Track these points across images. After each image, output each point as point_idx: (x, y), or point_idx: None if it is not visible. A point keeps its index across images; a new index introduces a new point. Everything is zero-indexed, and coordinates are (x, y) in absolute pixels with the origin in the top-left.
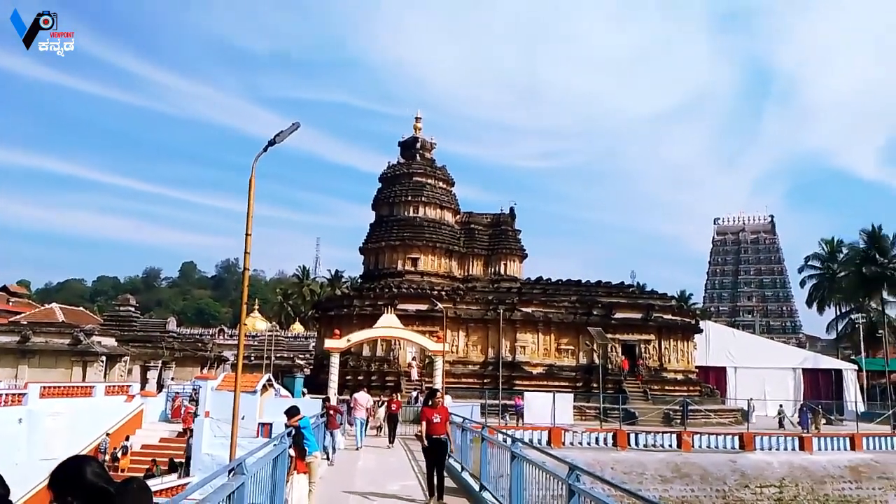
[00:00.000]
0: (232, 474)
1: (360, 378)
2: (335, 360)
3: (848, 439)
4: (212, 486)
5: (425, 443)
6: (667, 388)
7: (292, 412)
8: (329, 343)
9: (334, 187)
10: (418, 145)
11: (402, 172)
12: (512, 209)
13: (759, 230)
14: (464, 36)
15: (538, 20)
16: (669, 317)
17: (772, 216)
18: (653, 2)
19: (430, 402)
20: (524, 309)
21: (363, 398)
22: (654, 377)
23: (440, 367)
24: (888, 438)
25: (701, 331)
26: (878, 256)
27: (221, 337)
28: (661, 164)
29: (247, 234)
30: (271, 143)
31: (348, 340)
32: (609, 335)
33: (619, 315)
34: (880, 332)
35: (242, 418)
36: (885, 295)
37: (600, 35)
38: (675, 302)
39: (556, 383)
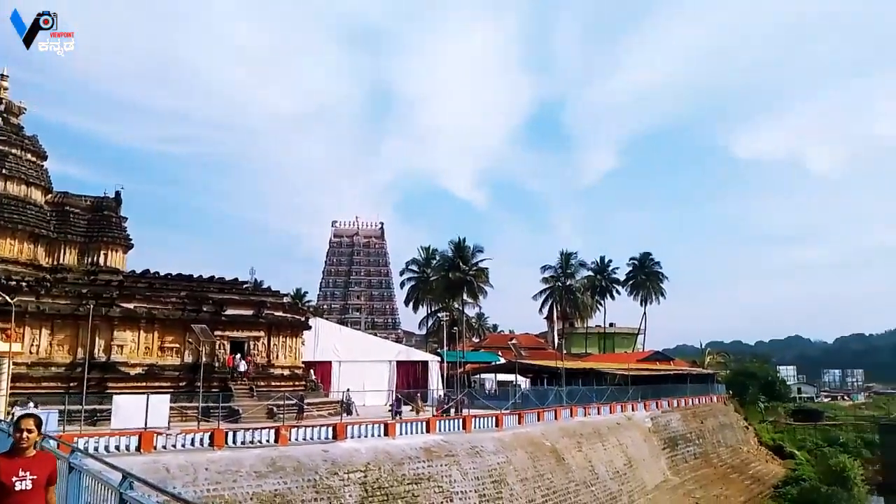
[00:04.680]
0: None
1: None
2: None
3: (425, 423)
4: None
5: None
6: (273, 383)
7: None
8: None
9: None
10: (2, 108)
11: None
12: (118, 193)
13: (371, 235)
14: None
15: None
16: (280, 314)
17: (382, 223)
18: (288, 5)
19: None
20: (125, 304)
21: None
22: (261, 373)
23: (6, 372)
24: (455, 421)
25: (310, 327)
26: (461, 264)
27: None
28: (293, 164)
29: None
30: None
31: None
32: (218, 332)
33: (230, 312)
34: (455, 328)
35: None
36: (465, 297)
37: (233, 26)
38: (288, 299)
39: (158, 384)
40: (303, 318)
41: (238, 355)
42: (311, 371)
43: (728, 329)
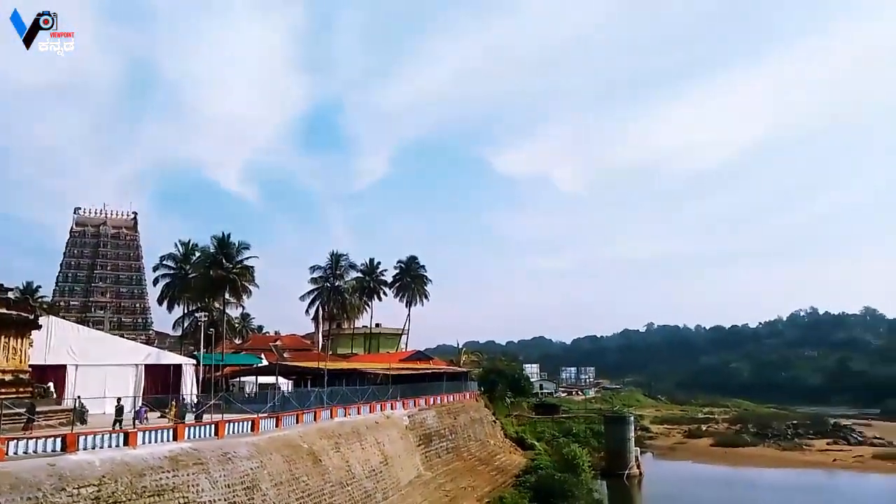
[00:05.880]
0: None
1: None
2: None
3: (171, 430)
4: None
5: None
6: None
7: None
8: None
9: None
10: None
11: None
12: None
13: (122, 225)
14: None
15: None
16: (3, 311)
17: (135, 213)
18: None
19: None
20: None
21: None
22: None
23: None
24: (206, 427)
25: (40, 327)
26: (224, 261)
27: None
28: (33, 144)
29: None
30: None
31: None
32: None
33: None
34: (211, 329)
35: None
36: (227, 296)
37: None
38: (13, 295)
39: None
40: (31, 317)
41: None
42: (45, 376)
43: (484, 329)
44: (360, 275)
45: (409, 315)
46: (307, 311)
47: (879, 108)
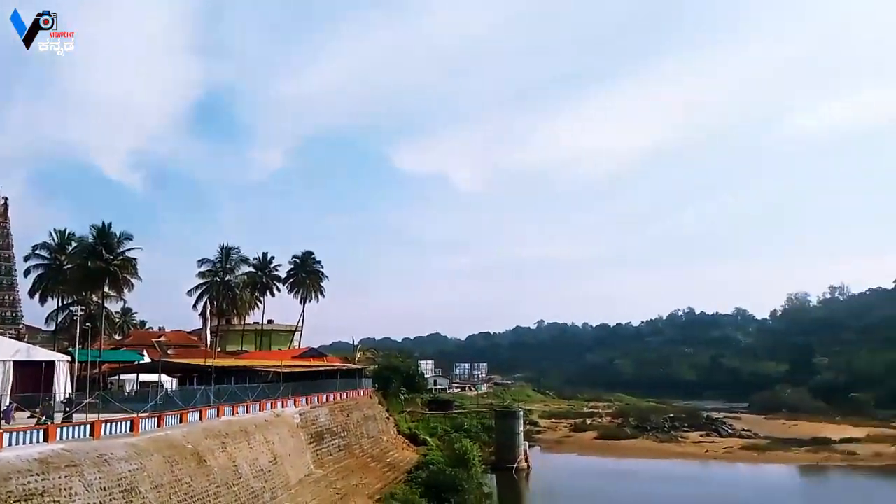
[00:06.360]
0: None
1: None
2: None
3: (42, 431)
4: None
5: None
6: None
7: None
8: None
9: None
10: None
11: None
12: None
13: None
14: None
15: None
16: None
17: (6, 198)
18: None
19: None
20: None
21: None
22: None
23: None
24: (81, 428)
25: None
26: (104, 252)
27: None
28: None
29: None
30: None
31: None
32: None
33: None
34: (88, 324)
35: None
36: (107, 289)
37: None
38: None
39: None
40: None
41: None
42: None
43: (380, 327)
44: (252, 269)
45: (303, 312)
46: (195, 306)
47: (749, 128)
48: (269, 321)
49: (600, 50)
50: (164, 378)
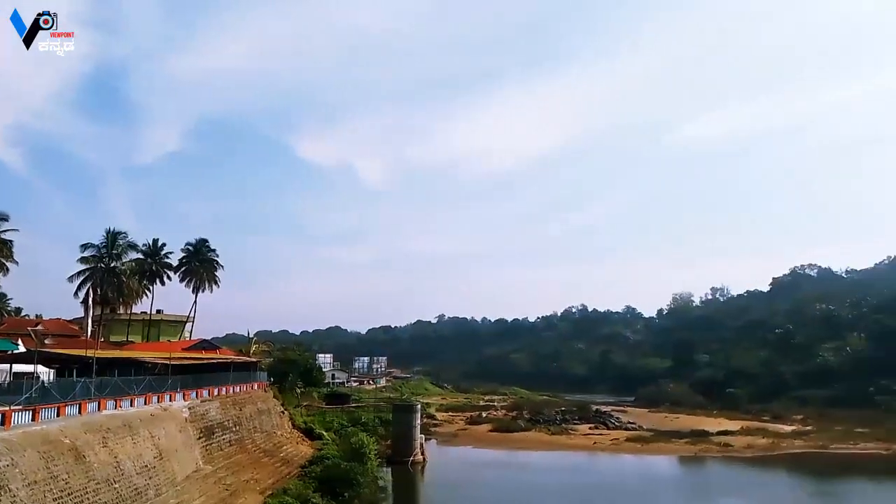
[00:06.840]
0: None
1: None
2: None
3: None
4: None
5: None
6: None
7: None
8: None
9: None
10: None
11: None
12: None
13: None
14: None
15: None
16: None
17: None
18: None
19: None
20: None
21: None
22: None
23: None
24: None
25: None
26: None
27: None
28: None
29: None
30: None
31: None
32: None
33: None
34: None
35: None
36: None
37: None
38: None
39: None
40: None
41: None
42: None
43: (277, 319)
44: (141, 256)
45: (195, 301)
46: (76, 293)
47: (637, 134)
48: (159, 311)
49: (501, 51)
50: (41, 369)
